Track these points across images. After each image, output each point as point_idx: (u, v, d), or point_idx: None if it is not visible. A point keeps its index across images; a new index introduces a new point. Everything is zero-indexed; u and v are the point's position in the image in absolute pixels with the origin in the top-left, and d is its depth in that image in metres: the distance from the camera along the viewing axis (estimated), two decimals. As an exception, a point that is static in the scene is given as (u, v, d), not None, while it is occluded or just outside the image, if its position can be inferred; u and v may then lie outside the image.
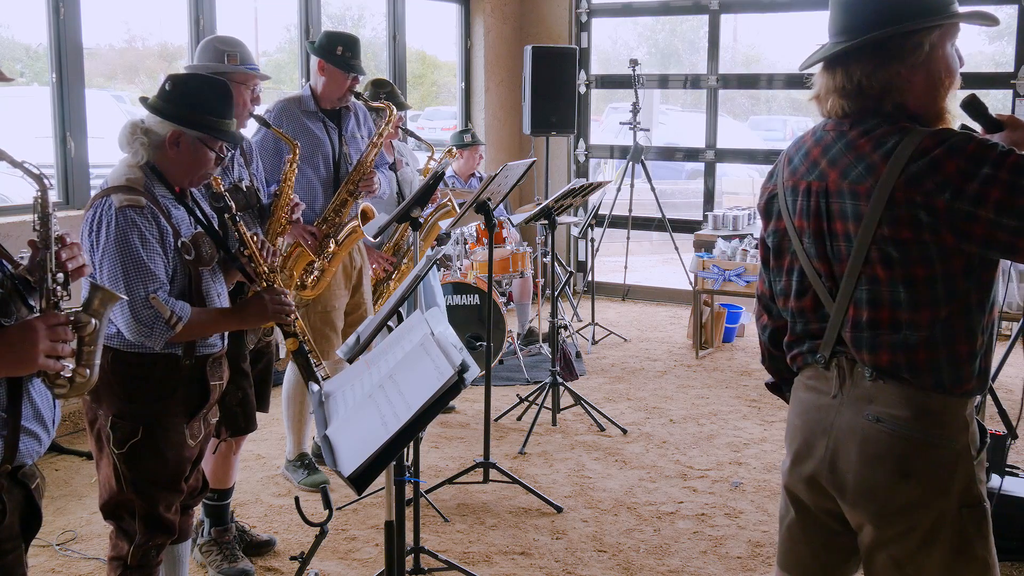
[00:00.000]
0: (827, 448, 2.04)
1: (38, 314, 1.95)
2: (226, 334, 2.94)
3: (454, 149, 6.11)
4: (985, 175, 1.79)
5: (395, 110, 4.57)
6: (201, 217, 2.84)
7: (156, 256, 2.64)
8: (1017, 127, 2.06)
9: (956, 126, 2.00)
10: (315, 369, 3.16)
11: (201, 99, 2.75)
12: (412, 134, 5.38)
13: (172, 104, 2.74)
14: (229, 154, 2.90)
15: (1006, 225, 1.79)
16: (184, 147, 2.74)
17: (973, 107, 2.11)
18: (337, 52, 4.23)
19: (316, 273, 4.19)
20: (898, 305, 1.91)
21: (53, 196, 2.12)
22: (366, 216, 4.32)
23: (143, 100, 2.79)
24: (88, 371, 2.01)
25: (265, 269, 2.94)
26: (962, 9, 1.98)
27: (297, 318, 3.06)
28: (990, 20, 2.02)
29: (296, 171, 3.78)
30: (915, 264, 1.88)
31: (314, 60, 4.36)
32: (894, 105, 1.96)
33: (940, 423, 1.94)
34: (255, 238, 2.95)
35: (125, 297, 2.21)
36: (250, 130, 4.04)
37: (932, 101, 1.97)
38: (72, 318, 1.98)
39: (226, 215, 2.88)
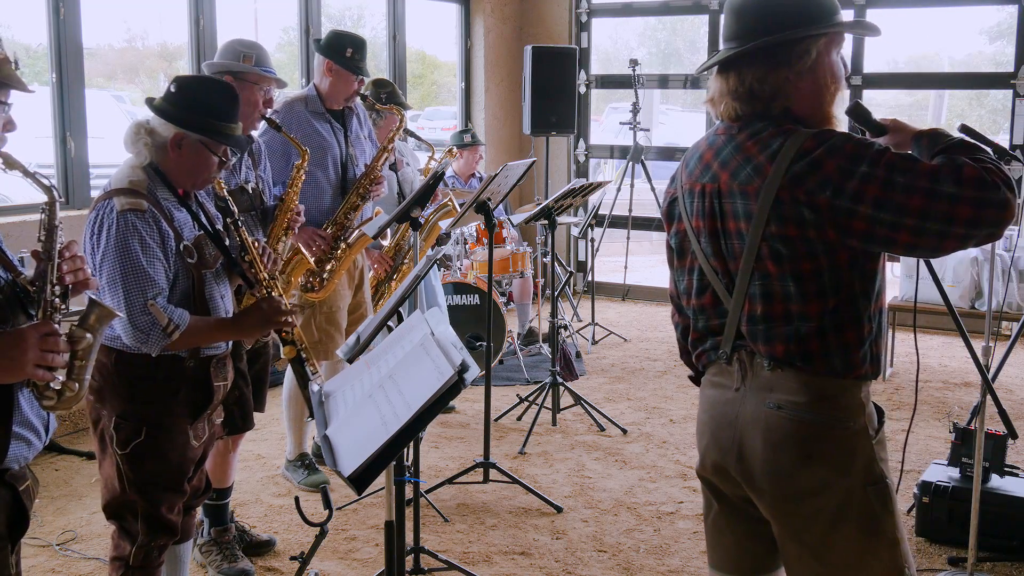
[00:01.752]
0: (733, 440, 2.12)
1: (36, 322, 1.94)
2: None
3: (454, 149, 6.11)
4: (863, 173, 1.89)
5: (405, 115, 4.59)
6: (206, 222, 2.82)
7: (156, 261, 2.63)
8: (899, 130, 2.15)
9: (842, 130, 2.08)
10: (311, 378, 3.15)
11: (205, 102, 2.73)
12: (413, 134, 5.38)
13: (176, 106, 2.72)
14: (235, 158, 2.88)
15: (883, 220, 1.89)
16: (186, 150, 2.73)
17: (857, 113, 2.22)
18: (347, 54, 4.21)
19: (324, 276, 4.19)
20: (789, 298, 2.01)
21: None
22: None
23: (148, 101, 2.78)
24: (77, 385, 2.00)
25: (265, 276, 2.91)
26: (845, 19, 2.09)
27: (295, 326, 3.04)
28: (872, 31, 2.16)
29: (304, 177, 3.77)
30: (802, 259, 1.98)
31: (319, 59, 4.31)
32: (782, 109, 2.06)
33: (837, 406, 2.03)
34: (256, 244, 2.94)
35: (122, 315, 2.19)
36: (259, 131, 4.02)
37: (818, 106, 2.08)
38: (67, 331, 1.97)
39: (228, 219, 2.87)
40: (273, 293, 2.92)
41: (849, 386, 2.03)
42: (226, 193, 2.89)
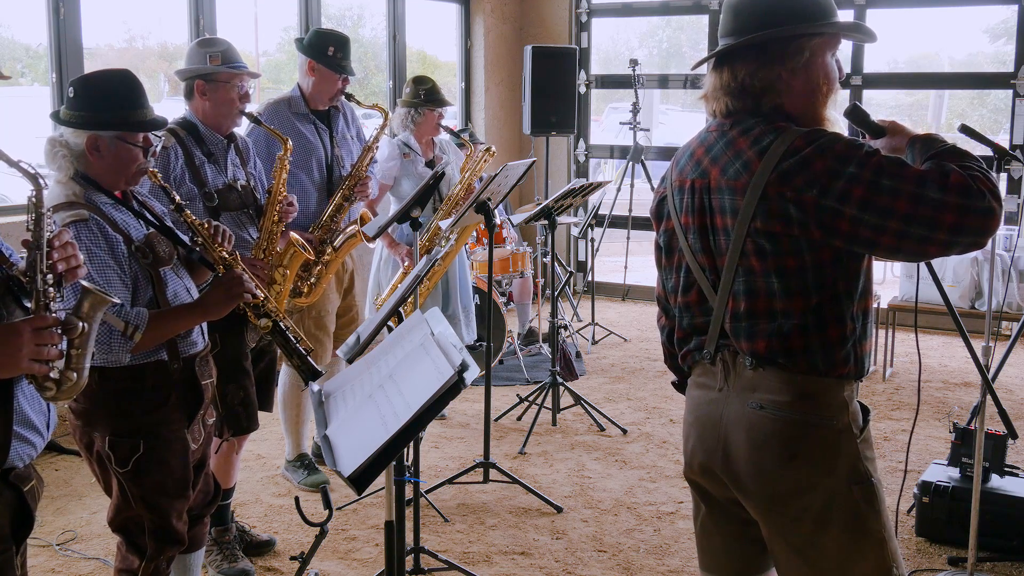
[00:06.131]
0: (718, 440, 2.13)
1: (30, 316, 1.93)
2: (204, 330, 2.86)
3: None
4: (850, 174, 1.90)
5: (390, 114, 4.55)
6: (152, 218, 2.74)
7: (106, 269, 2.55)
8: (897, 132, 2.15)
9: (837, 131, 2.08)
10: (296, 344, 3.06)
11: (107, 97, 2.63)
12: (450, 131, 5.34)
13: (79, 111, 2.62)
14: (158, 142, 2.79)
15: (868, 222, 1.89)
16: (105, 151, 2.62)
17: (855, 115, 2.22)
18: (328, 52, 4.17)
19: (312, 280, 4.16)
20: (772, 295, 2.02)
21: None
22: (363, 219, 4.32)
23: (54, 115, 2.68)
24: (75, 374, 1.99)
25: (224, 254, 2.84)
26: (842, 21, 2.09)
27: (267, 297, 2.97)
28: (869, 36, 2.17)
29: (288, 168, 3.68)
30: (786, 255, 1.99)
31: (302, 59, 4.26)
32: (772, 106, 2.06)
33: (819, 404, 2.03)
34: (207, 224, 2.86)
35: (117, 300, 2.16)
36: (243, 128, 3.98)
37: (809, 105, 2.08)
38: (61, 320, 1.95)
39: (172, 206, 2.80)
40: (233, 269, 2.83)
41: (831, 384, 2.03)
42: (162, 182, 2.80)
